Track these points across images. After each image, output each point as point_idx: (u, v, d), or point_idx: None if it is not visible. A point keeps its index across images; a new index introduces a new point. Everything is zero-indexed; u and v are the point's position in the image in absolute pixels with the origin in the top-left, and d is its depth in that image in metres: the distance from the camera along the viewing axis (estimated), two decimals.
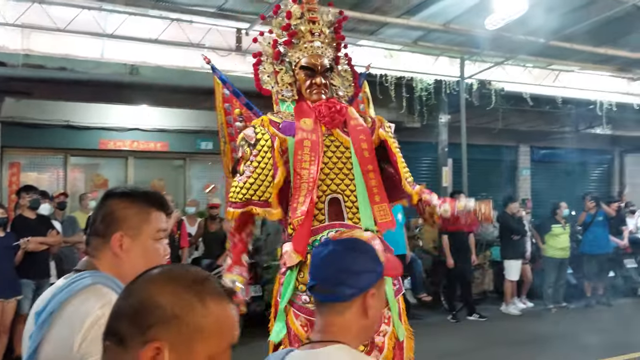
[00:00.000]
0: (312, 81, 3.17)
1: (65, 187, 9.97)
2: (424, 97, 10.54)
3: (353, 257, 1.68)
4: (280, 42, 3.31)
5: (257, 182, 2.96)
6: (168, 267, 1.19)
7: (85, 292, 1.59)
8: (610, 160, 16.04)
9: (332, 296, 1.66)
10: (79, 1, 7.73)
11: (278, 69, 3.29)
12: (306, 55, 3.19)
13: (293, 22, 3.24)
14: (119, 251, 1.69)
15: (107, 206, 1.73)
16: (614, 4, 8.18)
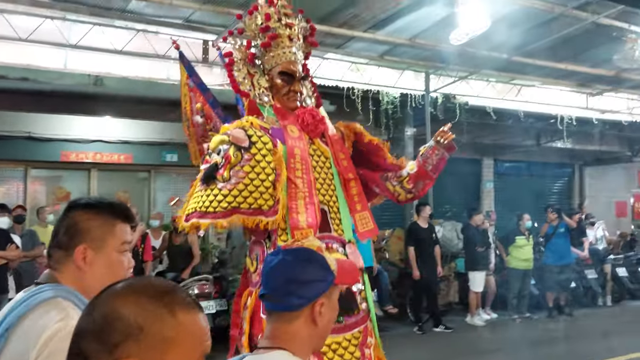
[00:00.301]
0: (291, 88, 3.08)
1: (25, 200, 9.72)
2: (390, 110, 10.66)
3: (302, 267, 1.68)
4: (255, 44, 3.17)
5: (250, 188, 2.70)
6: (133, 280, 1.14)
7: (44, 305, 1.54)
8: (571, 173, 16.41)
9: (280, 305, 1.67)
10: (42, 11, 7.60)
11: (252, 72, 3.14)
12: (284, 60, 3.09)
13: (272, 24, 3.11)
14: (82, 264, 1.65)
15: (71, 218, 1.68)
16: (573, 21, 8.41)
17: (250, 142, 2.77)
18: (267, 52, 3.12)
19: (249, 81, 3.12)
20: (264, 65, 3.16)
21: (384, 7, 8.00)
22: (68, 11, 7.65)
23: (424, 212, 9.18)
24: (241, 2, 7.50)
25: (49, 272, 1.69)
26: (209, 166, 2.81)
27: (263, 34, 3.12)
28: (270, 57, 3.11)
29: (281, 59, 3.09)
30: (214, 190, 2.70)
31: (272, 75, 3.12)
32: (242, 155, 2.74)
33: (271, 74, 3.12)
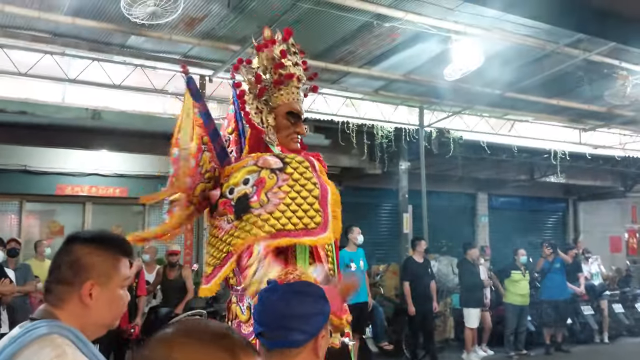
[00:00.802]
0: (296, 130, 2.97)
1: (20, 234, 9.67)
2: (385, 144, 10.74)
3: (301, 302, 1.67)
4: (265, 79, 3.02)
5: (292, 207, 2.52)
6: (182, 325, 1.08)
7: (39, 342, 1.52)
8: (565, 208, 16.47)
9: (282, 342, 1.64)
10: (42, 46, 7.69)
11: (260, 107, 2.99)
12: (291, 100, 2.98)
13: (286, 62, 2.99)
14: (88, 300, 1.63)
15: (73, 252, 1.66)
16: (565, 59, 8.56)
17: (283, 162, 2.64)
18: (277, 90, 3.00)
19: (260, 116, 2.98)
20: (269, 102, 3.03)
21: (380, 44, 8.15)
22: (68, 46, 7.75)
23: (420, 247, 9.16)
24: (239, 38, 7.63)
25: (44, 307, 1.65)
26: (239, 199, 2.61)
27: (275, 71, 2.99)
28: (279, 95, 2.99)
29: (289, 98, 2.98)
30: (250, 219, 2.51)
31: (277, 114, 2.99)
32: (277, 176, 2.60)
33: (276, 112, 3.00)
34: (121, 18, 6.72)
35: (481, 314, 9.52)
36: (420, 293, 8.89)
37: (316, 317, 1.66)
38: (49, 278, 1.68)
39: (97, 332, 1.71)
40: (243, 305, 2.70)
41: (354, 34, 7.83)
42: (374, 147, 10.73)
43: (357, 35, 7.87)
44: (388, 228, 12.58)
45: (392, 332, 9.62)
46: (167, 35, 7.41)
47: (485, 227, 14.55)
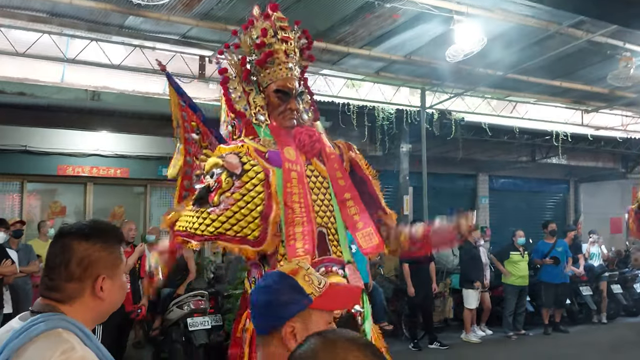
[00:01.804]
0: (287, 106, 2.99)
1: (22, 214, 9.71)
2: (386, 126, 10.70)
3: (274, 290, 1.72)
4: (250, 60, 3.06)
5: (238, 215, 2.69)
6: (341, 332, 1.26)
7: (45, 336, 1.52)
8: (566, 190, 16.47)
9: (259, 328, 1.73)
10: (39, 26, 7.64)
11: (248, 89, 3.03)
12: (279, 77, 2.98)
13: (267, 40, 2.99)
14: (102, 294, 1.65)
15: (77, 249, 1.64)
16: (569, 40, 8.49)
17: (242, 169, 2.75)
18: (263, 69, 3.01)
19: (245, 99, 3.02)
20: (259, 82, 3.05)
21: (381, 25, 8.08)
22: (66, 26, 7.69)
23: None
24: (238, 19, 7.55)
25: (45, 302, 1.64)
26: (202, 187, 2.82)
27: (258, 50, 3.01)
28: (266, 74, 3.01)
29: (277, 76, 2.99)
30: (203, 213, 2.73)
31: (267, 93, 3.02)
32: (233, 181, 2.73)
33: (267, 91, 3.02)
34: None
35: (480, 295, 9.57)
36: (419, 274, 8.92)
37: (286, 306, 1.68)
38: (52, 275, 1.65)
39: (104, 319, 1.75)
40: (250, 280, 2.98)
41: (355, 14, 7.76)
42: (375, 129, 10.69)
43: (358, 16, 7.79)
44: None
45: (392, 312, 9.69)
46: (165, 15, 7.35)
47: (486, 209, 14.57)
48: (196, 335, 7.34)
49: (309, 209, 2.80)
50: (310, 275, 1.74)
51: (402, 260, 9.12)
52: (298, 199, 2.79)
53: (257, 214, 2.71)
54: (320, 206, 2.91)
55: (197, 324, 7.40)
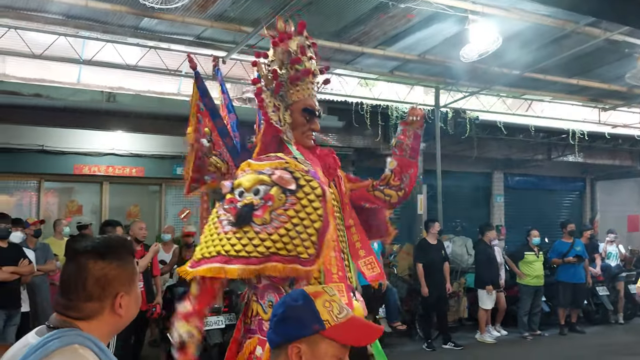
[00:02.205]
0: (311, 126, 2.93)
1: (39, 212, 9.82)
2: (400, 124, 10.65)
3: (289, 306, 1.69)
4: (281, 75, 2.93)
5: (291, 233, 2.44)
6: None
7: (62, 352, 1.54)
8: (582, 188, 16.31)
9: (269, 341, 1.73)
10: (55, 28, 7.71)
11: (277, 104, 2.92)
12: (307, 96, 2.92)
13: (303, 57, 2.91)
14: (120, 310, 1.69)
15: (94, 269, 1.66)
16: (586, 38, 8.40)
17: (297, 184, 2.55)
18: (292, 86, 2.92)
19: (277, 114, 2.91)
20: (285, 98, 2.95)
21: (395, 24, 8.05)
22: (81, 28, 7.75)
23: (433, 229, 9.16)
24: (252, 20, 7.58)
25: (61, 318, 1.66)
26: (244, 206, 2.55)
27: (293, 66, 2.91)
28: (295, 91, 2.91)
29: (305, 94, 2.92)
30: (248, 233, 2.46)
31: (293, 110, 2.93)
32: (286, 197, 2.52)
33: (292, 108, 2.93)
34: (133, 0, 6.71)
35: (496, 295, 9.53)
36: (433, 274, 8.90)
37: (295, 325, 1.66)
38: (70, 296, 1.66)
39: (119, 331, 1.79)
40: (264, 303, 2.70)
41: (369, 15, 7.74)
42: (389, 128, 10.66)
43: (372, 16, 7.78)
44: (402, 208, 12.49)
45: (406, 312, 9.67)
46: (180, 17, 7.39)
47: (501, 207, 14.47)
48: (210, 334, 7.39)
49: (336, 233, 2.72)
50: (332, 302, 1.69)
51: (416, 260, 9.12)
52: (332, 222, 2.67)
53: (314, 231, 2.47)
54: (339, 231, 2.83)
55: (212, 323, 7.45)
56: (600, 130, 12.78)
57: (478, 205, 14.16)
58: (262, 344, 2.62)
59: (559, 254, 10.03)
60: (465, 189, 13.78)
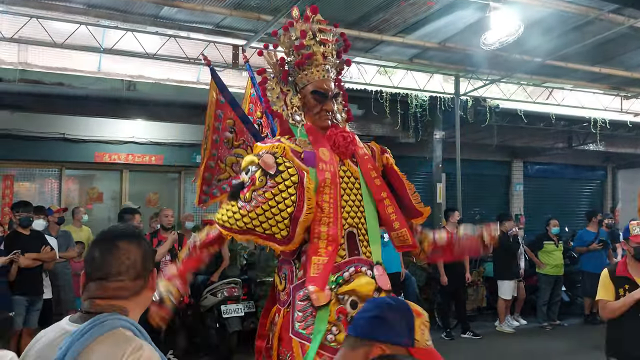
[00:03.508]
0: (323, 107, 3.02)
1: (60, 200, 9.94)
2: (419, 113, 10.61)
3: (393, 308, 1.83)
4: (289, 61, 3.11)
5: (267, 214, 2.73)
6: None
7: (111, 335, 1.58)
8: (603, 176, 16.13)
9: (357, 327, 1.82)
10: (76, 17, 7.75)
11: (285, 89, 3.08)
12: (317, 79, 3.03)
13: (307, 42, 3.03)
14: (155, 285, 1.86)
15: (132, 250, 1.77)
16: (609, 25, 8.27)
17: (277, 169, 2.78)
18: (301, 70, 3.06)
19: (282, 100, 3.08)
20: (296, 82, 3.10)
21: (415, 12, 7.99)
22: (102, 17, 7.79)
23: (453, 218, 9.11)
24: (271, 8, 7.57)
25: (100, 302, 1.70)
26: (238, 183, 2.90)
27: (297, 52, 3.06)
28: (303, 75, 3.06)
29: (314, 77, 3.04)
30: (234, 207, 2.79)
31: (304, 94, 3.06)
32: (266, 180, 2.77)
33: (303, 92, 3.06)
34: None
35: (515, 284, 9.48)
36: (452, 264, 8.85)
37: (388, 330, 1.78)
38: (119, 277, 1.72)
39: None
40: (280, 275, 3.01)
41: (389, 2, 7.68)
42: (408, 116, 10.62)
43: (393, 3, 7.72)
44: (421, 197, 12.33)
45: (424, 301, 9.65)
46: (199, 5, 7.40)
47: (520, 196, 14.37)
48: (230, 322, 7.46)
49: (337, 210, 2.84)
50: (426, 327, 1.88)
51: None
52: (328, 199, 2.83)
53: (287, 214, 2.75)
54: (351, 207, 2.94)
55: (231, 311, 7.52)
56: (622, 118, 12.60)
57: (497, 193, 14.08)
58: (278, 312, 2.93)
59: (583, 242, 9.94)
60: (484, 177, 13.70)
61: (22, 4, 7.41)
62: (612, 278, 4.10)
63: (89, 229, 8.69)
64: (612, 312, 4.03)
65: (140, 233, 1.90)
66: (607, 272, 4.18)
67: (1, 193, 9.72)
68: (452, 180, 11.20)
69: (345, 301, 2.75)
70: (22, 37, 7.90)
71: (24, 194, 9.56)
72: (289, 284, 2.90)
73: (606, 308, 4.09)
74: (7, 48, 8.22)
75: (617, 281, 4.08)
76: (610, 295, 4.08)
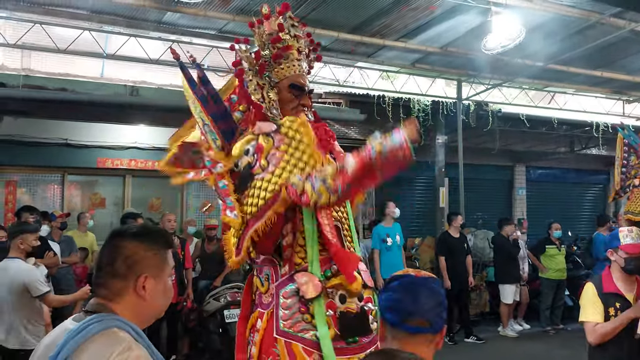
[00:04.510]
0: (301, 102, 2.99)
1: (63, 205, 9.95)
2: (421, 118, 10.62)
3: (440, 293, 1.86)
4: (264, 55, 3.01)
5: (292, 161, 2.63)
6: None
7: (103, 335, 1.59)
8: (606, 181, 16.10)
9: (427, 328, 1.80)
10: (79, 23, 7.79)
11: (261, 83, 3.00)
12: (293, 73, 2.99)
13: (283, 35, 2.99)
14: (143, 293, 1.71)
15: (125, 248, 1.73)
16: (611, 29, 8.28)
17: (276, 124, 2.77)
18: (276, 64, 2.99)
19: (260, 92, 2.99)
20: (271, 77, 3.02)
21: (417, 16, 8.01)
22: (105, 23, 7.82)
23: (456, 222, 9.12)
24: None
25: (98, 301, 1.72)
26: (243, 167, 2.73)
27: (274, 45, 2.99)
28: (279, 69, 2.99)
29: (290, 71, 2.99)
30: (256, 184, 2.63)
31: (280, 88, 3.00)
32: (273, 138, 2.71)
33: (279, 86, 3.00)
34: None
35: (519, 288, 9.47)
36: (456, 268, 8.87)
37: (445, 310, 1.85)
38: (101, 273, 1.74)
39: (149, 322, 1.81)
40: (262, 277, 2.82)
41: (391, 7, 7.70)
42: None
43: (394, 8, 7.74)
44: (424, 202, 12.53)
45: None
46: (202, 11, 7.42)
47: (523, 200, 14.36)
48: (232, 326, 7.44)
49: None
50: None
51: (439, 254, 9.10)
52: None
53: (311, 151, 2.68)
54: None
55: (234, 315, 7.50)
56: (625, 122, 12.58)
57: (500, 198, 14.08)
58: (261, 317, 2.74)
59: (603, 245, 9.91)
60: (487, 181, 13.70)
61: (25, 10, 7.45)
62: (599, 295, 3.46)
63: (93, 235, 8.71)
64: (603, 336, 3.38)
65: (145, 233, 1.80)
66: (593, 288, 3.52)
67: (4, 199, 9.72)
68: (455, 184, 11.20)
69: (334, 295, 2.65)
70: (25, 43, 7.94)
71: (27, 200, 9.57)
72: (272, 284, 2.75)
73: (596, 332, 3.40)
74: (11, 54, 8.26)
75: (605, 299, 3.44)
76: (599, 316, 3.42)
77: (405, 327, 1.80)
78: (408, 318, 1.79)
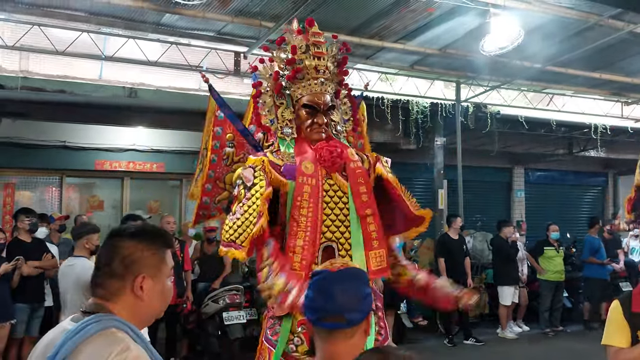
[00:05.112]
0: (314, 120, 3.08)
1: (61, 207, 9.93)
2: (420, 119, 10.62)
3: (357, 284, 1.85)
4: (282, 75, 3.17)
5: (243, 226, 2.77)
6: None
7: (101, 335, 1.57)
8: (604, 183, 16.12)
9: (343, 324, 1.77)
10: (78, 24, 7.78)
11: (278, 103, 3.16)
12: (309, 92, 3.10)
13: (298, 56, 3.11)
14: (141, 293, 1.69)
15: (122, 248, 1.71)
16: (609, 31, 8.29)
17: (252, 183, 2.86)
18: (294, 84, 3.14)
19: (273, 113, 3.15)
20: (291, 96, 3.18)
21: (416, 18, 8.00)
22: (104, 25, 7.81)
23: (455, 224, 9.12)
24: (273, 14, 7.58)
25: (96, 301, 1.70)
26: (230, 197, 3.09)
27: (289, 67, 3.13)
28: (296, 88, 3.13)
29: (306, 91, 3.11)
30: (227, 221, 2.88)
31: (297, 107, 3.14)
32: (245, 194, 2.85)
33: (297, 105, 3.14)
34: None
35: (517, 290, 9.45)
36: (455, 269, 8.85)
37: (368, 297, 1.85)
38: (98, 273, 1.72)
39: (147, 323, 1.80)
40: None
41: (390, 9, 7.69)
42: (409, 123, 10.62)
43: (393, 10, 7.73)
44: (423, 203, 12.24)
45: (427, 307, 9.63)
46: (201, 12, 7.41)
47: (522, 202, 14.36)
48: (231, 329, 7.44)
49: (316, 223, 2.86)
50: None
51: (438, 256, 9.09)
52: (306, 213, 2.86)
53: (252, 226, 2.77)
54: (333, 221, 2.94)
55: (233, 318, 7.50)
56: (623, 124, 12.61)
57: (499, 200, 14.07)
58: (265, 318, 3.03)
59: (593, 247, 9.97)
60: (486, 183, 13.70)
61: (23, 11, 7.43)
62: (626, 316, 2.83)
63: None
64: None
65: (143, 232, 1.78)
66: (619, 306, 2.87)
67: (2, 201, 9.70)
68: (454, 186, 11.19)
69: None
70: (23, 44, 7.92)
71: (25, 202, 9.54)
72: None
73: (618, 358, 2.84)
74: (9, 56, 8.23)
75: (633, 320, 2.81)
76: (624, 340, 2.82)
77: (322, 325, 1.81)
78: (323, 316, 1.80)
